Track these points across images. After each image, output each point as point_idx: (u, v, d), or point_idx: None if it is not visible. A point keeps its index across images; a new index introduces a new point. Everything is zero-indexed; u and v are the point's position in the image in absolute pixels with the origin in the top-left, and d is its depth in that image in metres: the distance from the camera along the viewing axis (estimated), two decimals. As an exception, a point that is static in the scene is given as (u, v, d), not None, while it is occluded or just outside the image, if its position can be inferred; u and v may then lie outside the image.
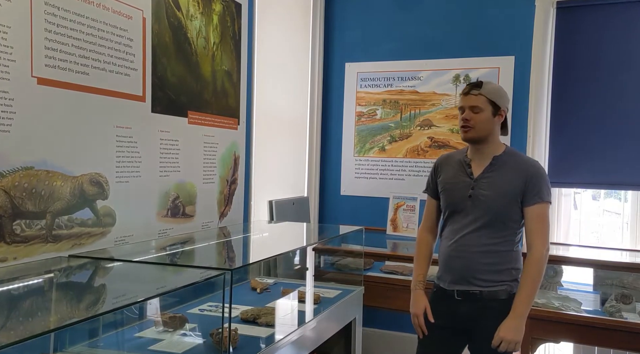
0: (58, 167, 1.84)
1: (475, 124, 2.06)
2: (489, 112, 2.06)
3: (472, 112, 2.06)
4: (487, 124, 2.07)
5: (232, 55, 2.85)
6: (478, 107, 2.06)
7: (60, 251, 1.85)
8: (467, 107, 2.07)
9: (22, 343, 1.13)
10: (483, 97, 2.06)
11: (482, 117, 2.06)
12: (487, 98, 2.06)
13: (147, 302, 2.02)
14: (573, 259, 3.11)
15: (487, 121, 2.07)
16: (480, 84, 2.08)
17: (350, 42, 4.16)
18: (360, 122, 4.15)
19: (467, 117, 2.06)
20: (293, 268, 3.19)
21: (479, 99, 2.06)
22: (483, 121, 2.06)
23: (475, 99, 2.06)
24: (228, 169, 2.83)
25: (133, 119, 2.17)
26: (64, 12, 1.85)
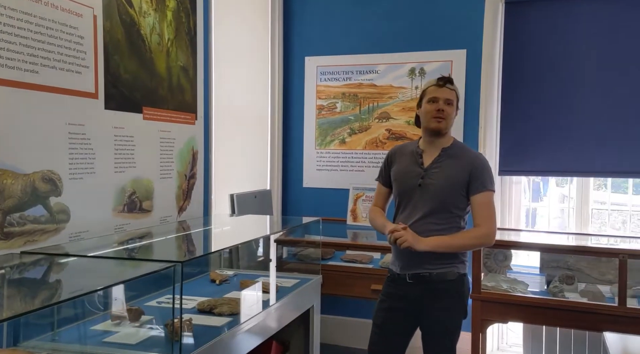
0: (8, 166, 1.86)
1: (447, 116, 2.20)
2: (455, 108, 2.22)
3: (446, 104, 2.18)
4: (453, 118, 2.25)
5: (188, 51, 2.88)
6: (451, 101, 2.20)
7: (12, 248, 1.87)
8: (443, 99, 2.19)
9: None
10: (454, 92, 2.22)
11: (452, 111, 2.23)
12: (456, 94, 2.22)
13: (102, 295, 2.06)
14: (520, 244, 3.26)
15: (453, 116, 2.25)
16: (452, 80, 2.22)
17: (309, 36, 4.21)
18: (321, 115, 4.22)
19: (442, 108, 2.18)
20: (254, 259, 3.25)
21: (452, 94, 2.22)
22: (452, 114, 2.23)
23: (450, 92, 2.21)
24: (186, 164, 2.87)
25: (86, 116, 2.19)
26: (10, 11, 1.86)
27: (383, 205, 2.42)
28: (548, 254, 3.24)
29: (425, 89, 2.24)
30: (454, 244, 2.17)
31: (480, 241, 2.21)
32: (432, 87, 2.22)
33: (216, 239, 2.68)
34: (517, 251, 3.46)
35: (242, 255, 3.23)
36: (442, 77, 2.22)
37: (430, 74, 3.91)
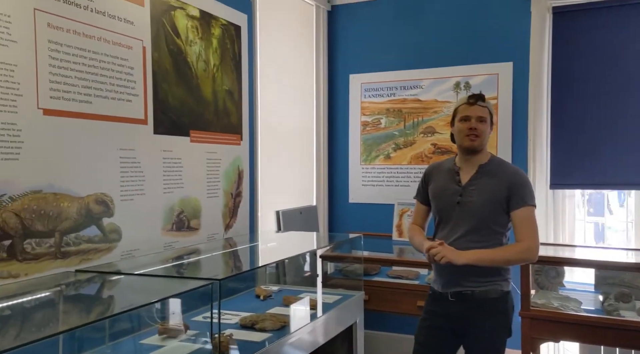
0: (65, 190, 2.01)
1: (481, 133, 2.19)
2: (489, 124, 2.20)
3: (479, 122, 2.18)
4: (488, 135, 2.23)
5: (233, 75, 3.00)
6: (484, 118, 2.19)
7: (69, 266, 2.02)
8: (475, 117, 2.18)
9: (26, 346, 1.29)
10: (487, 109, 2.21)
11: (485, 128, 2.20)
12: (489, 110, 2.21)
13: (150, 311, 2.18)
14: (570, 260, 3.16)
15: (488, 132, 2.23)
16: (484, 97, 2.22)
17: (353, 54, 4.28)
18: (366, 131, 4.26)
19: (475, 127, 2.17)
20: (299, 275, 3.32)
21: (484, 110, 2.20)
22: (486, 131, 2.21)
23: (482, 110, 2.20)
24: (232, 183, 2.99)
25: (136, 141, 2.34)
26: (66, 48, 2.02)
27: (422, 223, 2.42)
28: (603, 271, 3.12)
29: (457, 108, 2.24)
30: (495, 258, 2.14)
31: (522, 255, 2.17)
32: (463, 105, 2.21)
33: (258, 255, 2.76)
34: (572, 268, 3.35)
35: (287, 271, 3.30)
36: (473, 95, 2.21)
37: (475, 87, 3.88)
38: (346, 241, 3.35)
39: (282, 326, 2.31)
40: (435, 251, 2.12)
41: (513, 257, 2.16)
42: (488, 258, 2.13)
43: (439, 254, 2.11)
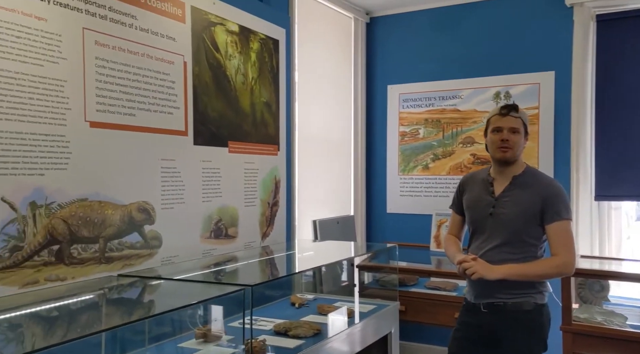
0: (109, 198, 2.13)
1: (513, 144, 2.15)
2: (522, 135, 2.18)
3: (511, 133, 2.15)
4: (521, 145, 2.19)
5: (271, 88, 3.09)
6: (517, 129, 2.16)
7: (112, 270, 2.12)
8: (507, 128, 2.15)
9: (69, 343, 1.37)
10: (520, 119, 2.18)
11: (518, 139, 2.16)
12: (522, 121, 2.17)
13: (189, 315, 2.26)
14: (618, 274, 3.06)
15: (521, 143, 2.19)
16: (517, 107, 2.19)
17: (391, 65, 4.31)
18: (404, 141, 4.27)
19: (507, 138, 2.15)
20: (334, 284, 3.35)
21: (517, 121, 2.17)
22: (519, 142, 2.17)
23: (514, 120, 2.16)
24: (269, 192, 3.06)
25: (176, 152, 2.44)
26: (112, 64, 2.15)
27: (457, 233, 2.42)
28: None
29: (489, 119, 2.23)
30: (528, 273, 2.11)
31: (556, 270, 2.13)
32: (495, 116, 2.20)
33: (293, 263, 2.81)
34: (618, 282, 3.25)
35: (323, 280, 3.34)
36: (505, 105, 2.19)
37: (516, 97, 3.83)
38: (382, 250, 3.36)
39: (316, 333, 2.34)
40: (466, 265, 2.11)
41: (547, 271, 2.12)
42: (521, 273, 2.10)
43: (470, 269, 2.10)
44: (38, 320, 1.79)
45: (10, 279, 1.81)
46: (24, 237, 1.84)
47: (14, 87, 1.82)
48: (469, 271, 2.09)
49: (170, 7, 2.42)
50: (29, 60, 1.87)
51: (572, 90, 3.63)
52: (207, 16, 2.63)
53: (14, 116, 1.82)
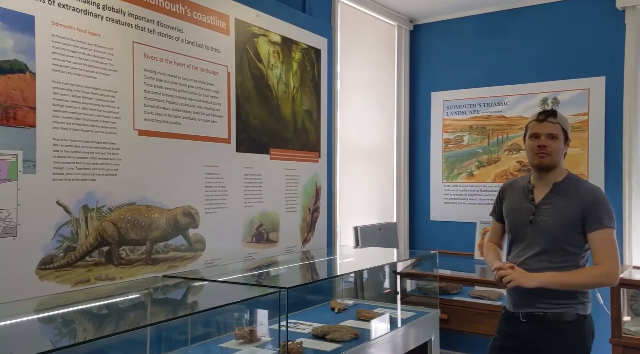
0: (156, 202, 2.24)
1: (552, 151, 2.11)
2: (562, 141, 2.13)
3: (549, 139, 2.12)
4: (560, 152, 2.14)
5: (312, 96, 3.15)
6: (555, 135, 2.12)
7: (158, 272, 2.23)
8: (545, 134, 2.12)
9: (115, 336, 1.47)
10: (559, 125, 2.13)
11: (557, 145, 2.12)
12: (561, 127, 2.13)
13: (229, 317, 2.34)
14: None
15: (561, 149, 2.14)
16: (556, 113, 2.15)
17: (435, 72, 4.29)
18: (448, 148, 4.24)
19: (544, 144, 2.11)
20: (374, 290, 3.36)
21: (556, 127, 2.12)
22: (558, 148, 2.12)
23: (552, 126, 2.12)
24: (310, 198, 3.12)
25: (220, 159, 2.53)
26: (159, 76, 2.27)
27: (498, 241, 2.39)
28: None
29: (528, 124, 2.20)
30: (567, 282, 2.06)
31: (598, 280, 2.07)
32: (533, 122, 2.16)
33: (331, 268, 2.85)
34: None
35: (363, 286, 3.35)
36: (543, 111, 2.16)
37: (565, 103, 3.75)
38: (423, 257, 3.35)
39: (353, 337, 2.37)
40: (503, 273, 2.08)
41: (588, 281, 2.07)
42: (560, 281, 2.05)
43: (507, 277, 2.07)
44: (89, 316, 1.90)
45: (64, 278, 1.94)
46: (76, 238, 1.97)
47: (69, 98, 1.96)
48: (506, 279, 2.06)
49: (215, 20, 2.53)
50: (82, 73, 2.00)
51: (624, 96, 3.52)
52: (251, 28, 2.73)
53: (69, 125, 1.96)
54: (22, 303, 1.78)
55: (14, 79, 1.80)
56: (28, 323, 1.75)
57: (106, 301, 1.99)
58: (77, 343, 1.44)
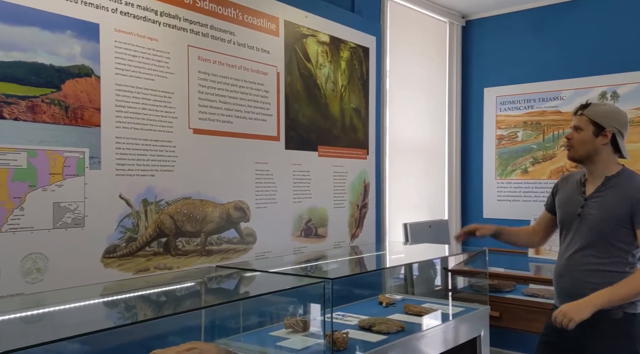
0: (209, 197, 2.37)
1: (575, 143, 2.14)
2: (589, 132, 2.11)
3: (574, 131, 2.14)
4: (587, 144, 2.11)
5: (360, 94, 3.21)
6: (579, 127, 2.13)
7: (211, 262, 2.36)
8: (572, 127, 2.16)
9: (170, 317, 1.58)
10: (585, 117, 2.12)
11: (581, 137, 2.12)
12: (589, 118, 2.11)
13: (281, 307, 2.44)
14: None
15: (588, 141, 2.11)
16: (586, 105, 2.15)
17: (488, 68, 4.24)
18: (501, 145, 4.18)
19: (568, 136, 2.18)
20: (424, 286, 3.37)
21: (581, 119, 2.13)
22: (582, 140, 2.12)
23: (578, 119, 2.15)
24: (358, 194, 3.17)
25: (269, 156, 2.64)
26: (212, 77, 2.40)
27: (538, 226, 2.40)
28: None
29: None
30: (620, 296, 1.97)
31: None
32: None
33: (377, 262, 2.90)
34: None
35: (412, 282, 3.38)
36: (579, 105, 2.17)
37: (625, 97, 3.62)
38: (474, 254, 3.33)
39: (399, 330, 2.41)
40: (557, 316, 1.98)
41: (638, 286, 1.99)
42: (613, 298, 1.97)
43: (563, 319, 1.95)
44: (148, 301, 2.05)
45: (126, 266, 2.09)
46: (137, 230, 2.12)
47: (130, 99, 2.11)
48: (564, 322, 1.95)
49: (265, 22, 2.64)
50: (142, 75, 2.15)
51: (688, 87, 3.36)
52: (300, 29, 2.82)
53: (130, 124, 2.11)
54: (89, 287, 1.95)
55: (81, 83, 1.97)
56: (95, 305, 1.91)
57: (164, 288, 2.13)
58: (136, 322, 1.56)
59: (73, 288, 1.91)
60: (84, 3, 1.97)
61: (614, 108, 2.20)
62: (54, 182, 1.88)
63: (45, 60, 1.87)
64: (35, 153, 1.83)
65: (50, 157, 1.87)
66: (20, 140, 1.79)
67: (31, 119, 1.82)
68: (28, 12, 1.82)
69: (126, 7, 2.10)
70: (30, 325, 1.73)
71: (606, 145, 2.12)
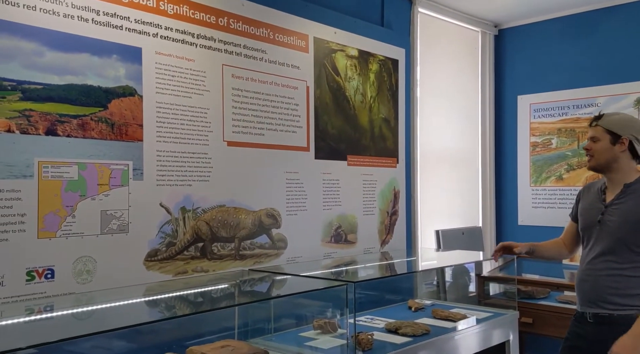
0: (242, 204, 2.53)
1: (594, 152, 2.20)
2: (606, 141, 2.16)
3: (591, 142, 2.20)
4: (605, 153, 2.17)
5: (389, 104, 3.32)
6: (596, 137, 2.20)
7: (245, 266, 2.52)
8: (588, 138, 2.24)
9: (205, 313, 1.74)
10: (600, 127, 2.19)
11: (598, 146, 2.19)
12: (604, 128, 2.17)
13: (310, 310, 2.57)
14: None
15: (605, 150, 2.17)
16: (600, 117, 2.22)
17: (521, 75, 4.27)
18: (535, 152, 4.18)
19: (586, 147, 2.25)
20: (454, 292, 3.42)
21: (597, 130, 2.20)
22: (600, 150, 2.18)
23: (593, 130, 2.22)
24: (388, 202, 3.27)
25: (299, 165, 2.79)
26: (245, 93, 2.57)
27: (566, 239, 2.44)
28: None
29: None
30: None
31: None
32: None
33: (404, 267, 2.98)
34: None
35: (444, 288, 3.43)
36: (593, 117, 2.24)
37: (661, 101, 3.58)
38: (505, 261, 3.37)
39: (424, 333, 2.49)
40: None
41: None
42: None
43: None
44: (187, 301, 2.22)
45: (166, 269, 2.28)
46: (176, 235, 2.31)
47: (169, 116, 2.30)
48: None
49: (295, 40, 2.79)
50: (180, 93, 2.34)
51: None
52: (329, 44, 2.97)
53: (170, 138, 2.30)
54: (133, 288, 2.14)
55: (126, 102, 2.17)
56: (139, 303, 2.10)
57: (200, 289, 2.30)
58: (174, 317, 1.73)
59: (119, 288, 2.10)
60: (128, 29, 2.18)
61: (628, 116, 2.25)
62: (102, 192, 2.08)
63: (94, 82, 2.08)
64: (85, 166, 2.04)
65: (98, 169, 2.07)
66: (72, 154, 2.01)
67: (82, 136, 2.04)
68: (80, 40, 2.04)
69: (166, 31, 2.30)
70: (81, 320, 1.93)
71: (624, 152, 2.17)
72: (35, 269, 1.90)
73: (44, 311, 1.87)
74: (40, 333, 1.70)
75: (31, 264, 1.89)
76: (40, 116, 1.93)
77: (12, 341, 1.52)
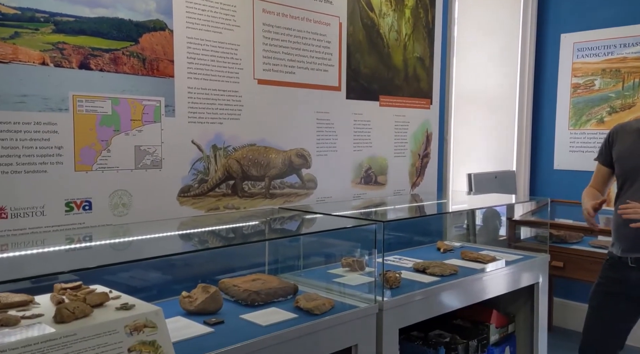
0: (273, 144, 2.53)
1: None
2: None
3: None
4: None
5: (425, 43, 3.21)
6: None
7: (275, 205, 2.55)
8: None
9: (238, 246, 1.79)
10: None
11: None
12: None
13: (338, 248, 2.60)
14: None
15: None
16: None
17: (565, 12, 4.05)
18: (576, 94, 4.02)
19: None
20: (484, 235, 3.42)
21: None
22: None
23: None
24: (420, 144, 3.23)
25: (330, 106, 2.75)
26: (276, 29, 2.51)
27: (600, 186, 2.36)
28: None
29: None
30: None
31: None
32: None
33: (434, 209, 2.97)
34: None
35: (474, 230, 3.43)
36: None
37: None
38: (539, 205, 3.32)
39: (452, 273, 2.51)
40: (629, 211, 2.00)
41: None
42: None
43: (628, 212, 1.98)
44: (218, 236, 2.28)
45: (199, 205, 2.32)
46: (208, 172, 2.34)
47: (200, 52, 2.28)
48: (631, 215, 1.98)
49: (327, -27, 2.69)
50: (211, 28, 2.31)
51: None
52: (363, -22, 2.85)
53: (200, 75, 2.29)
54: (167, 221, 2.20)
55: (157, 36, 2.15)
56: (173, 236, 2.17)
57: (232, 225, 2.35)
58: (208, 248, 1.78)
59: (153, 221, 2.16)
60: (157, -38, 2.13)
61: None
62: (135, 127, 2.11)
63: (125, 15, 2.06)
64: (118, 101, 2.06)
65: (131, 104, 2.09)
66: (105, 89, 2.02)
67: (114, 70, 2.04)
68: (108, -28, 2.01)
69: (195, -36, 2.24)
70: (118, 250, 2.00)
71: None
72: (74, 200, 1.97)
73: (83, 240, 1.94)
74: (80, 260, 1.78)
75: (69, 196, 1.95)
76: (73, 49, 1.93)
77: (54, 266, 1.60)
